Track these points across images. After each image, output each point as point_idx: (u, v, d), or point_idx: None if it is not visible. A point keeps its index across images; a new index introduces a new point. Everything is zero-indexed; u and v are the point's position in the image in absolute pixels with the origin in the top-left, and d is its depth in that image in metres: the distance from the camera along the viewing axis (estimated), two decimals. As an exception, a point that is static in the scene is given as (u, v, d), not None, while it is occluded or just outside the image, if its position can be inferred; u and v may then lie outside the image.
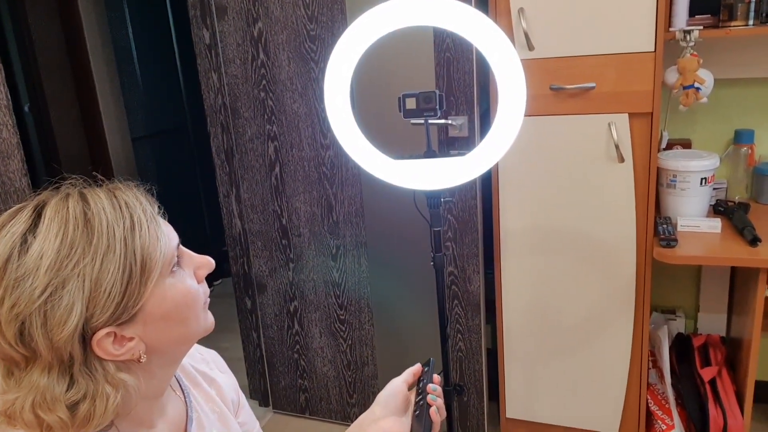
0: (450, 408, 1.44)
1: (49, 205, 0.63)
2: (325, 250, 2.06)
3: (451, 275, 1.91)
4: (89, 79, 2.91)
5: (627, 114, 1.60)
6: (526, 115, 1.18)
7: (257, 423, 0.98)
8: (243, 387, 1.30)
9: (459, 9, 1.09)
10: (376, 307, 2.05)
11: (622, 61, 1.56)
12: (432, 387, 0.88)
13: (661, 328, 1.94)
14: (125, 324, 0.64)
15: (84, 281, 0.60)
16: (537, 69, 1.63)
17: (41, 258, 0.60)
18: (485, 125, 1.78)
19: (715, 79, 1.67)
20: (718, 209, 1.79)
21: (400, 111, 1.23)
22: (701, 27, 1.62)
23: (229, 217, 2.18)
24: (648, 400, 1.87)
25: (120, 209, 0.65)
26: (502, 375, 1.96)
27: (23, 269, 0.60)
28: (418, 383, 0.91)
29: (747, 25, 1.62)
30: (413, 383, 0.91)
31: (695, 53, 1.62)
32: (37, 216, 0.63)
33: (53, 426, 0.62)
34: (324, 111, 1.88)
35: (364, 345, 2.11)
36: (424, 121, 1.24)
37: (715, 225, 1.66)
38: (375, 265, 2.01)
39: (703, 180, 1.69)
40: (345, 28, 1.15)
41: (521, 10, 1.60)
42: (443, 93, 1.72)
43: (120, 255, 0.62)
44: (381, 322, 2.06)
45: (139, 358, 0.66)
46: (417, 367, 0.92)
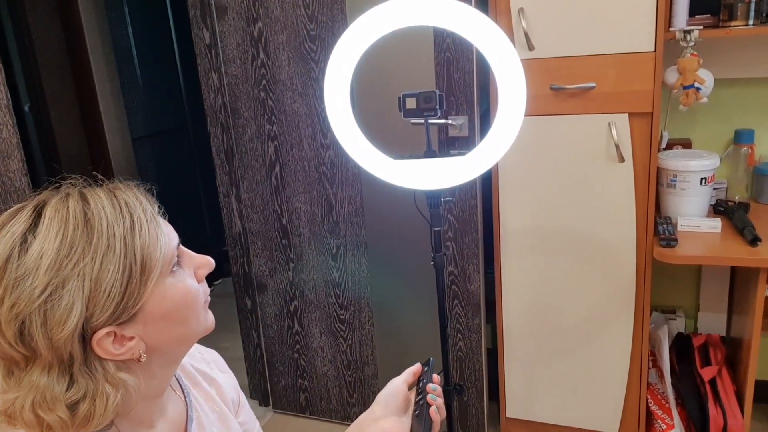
0: (450, 408, 1.44)
1: (49, 205, 0.63)
2: (325, 249, 2.06)
3: (452, 275, 1.91)
4: (89, 79, 2.91)
5: (627, 114, 1.60)
6: (526, 115, 1.18)
7: (257, 422, 0.98)
8: (243, 387, 1.30)
9: (459, 9, 1.09)
10: (376, 307, 2.05)
11: (622, 61, 1.56)
12: (432, 386, 0.88)
13: (661, 327, 1.94)
14: (125, 323, 0.64)
15: (84, 281, 0.60)
16: (537, 69, 1.63)
17: (41, 258, 0.60)
18: (485, 125, 1.78)
19: (715, 79, 1.67)
20: (718, 209, 1.79)
21: (400, 111, 1.23)
22: (701, 27, 1.62)
23: (229, 217, 2.18)
24: (648, 399, 1.87)
25: (120, 209, 0.65)
26: (502, 375, 1.96)
27: (23, 269, 0.60)
28: (418, 383, 0.91)
29: (747, 25, 1.62)
30: (413, 383, 0.91)
31: (695, 53, 1.62)
32: (37, 216, 0.63)
33: (53, 425, 0.62)
34: (324, 111, 1.88)
35: (364, 345, 2.11)
36: (424, 121, 1.24)
37: (715, 225, 1.66)
38: (375, 265, 2.01)
39: (703, 180, 1.69)
40: (345, 28, 1.15)
41: (521, 9, 1.60)
42: (443, 93, 1.73)
43: (120, 255, 0.62)
44: (381, 321, 2.06)
45: (140, 357, 0.66)
46: (417, 367, 0.92)
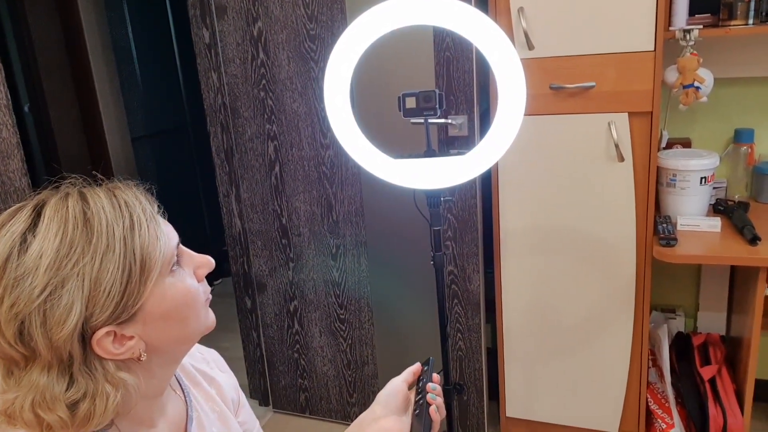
0: (450, 407, 1.44)
1: (49, 205, 0.63)
2: (325, 249, 2.06)
3: (451, 274, 1.91)
4: (89, 79, 2.91)
5: (627, 113, 1.60)
6: (525, 115, 1.18)
7: (257, 422, 0.98)
8: (243, 386, 1.30)
9: (459, 8, 1.09)
10: (376, 307, 2.05)
11: (622, 61, 1.56)
12: (432, 386, 0.88)
13: (661, 327, 1.94)
14: (125, 323, 0.64)
15: (83, 280, 0.60)
16: (537, 68, 1.63)
17: (41, 257, 0.60)
18: (485, 124, 1.78)
19: (715, 78, 1.67)
20: (717, 208, 1.79)
21: (399, 110, 1.23)
22: (701, 26, 1.62)
23: (229, 217, 2.18)
24: (648, 398, 1.87)
25: (119, 208, 0.65)
26: (502, 374, 1.96)
27: (23, 268, 0.60)
28: (417, 382, 0.91)
29: (747, 24, 1.62)
30: (413, 382, 0.91)
31: (695, 52, 1.62)
32: (37, 215, 0.63)
33: (53, 425, 0.62)
34: (324, 110, 1.88)
35: (364, 344, 2.11)
36: (423, 121, 1.24)
37: (715, 224, 1.66)
38: (375, 265, 2.01)
39: (703, 179, 1.69)
40: (345, 27, 1.15)
41: (521, 9, 1.60)
42: (443, 92, 1.72)
43: (119, 254, 0.62)
44: (381, 321, 2.06)
45: (140, 357, 0.66)
46: (417, 367, 0.92)
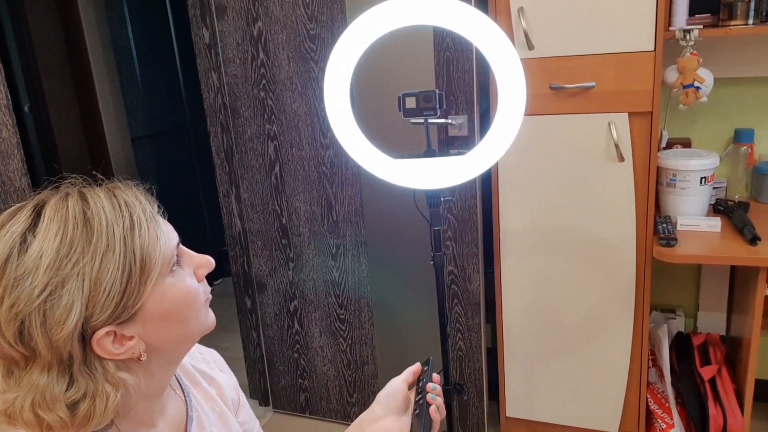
0: (450, 407, 1.44)
1: (49, 205, 0.63)
2: (325, 249, 2.06)
3: (451, 274, 1.91)
4: (89, 79, 2.91)
5: (627, 113, 1.60)
6: (525, 115, 1.18)
7: (257, 422, 0.98)
8: (243, 386, 1.30)
9: (459, 8, 1.09)
10: (376, 307, 2.05)
11: (621, 61, 1.56)
12: (432, 386, 0.88)
13: (661, 327, 1.94)
14: (125, 323, 0.64)
15: (83, 280, 0.60)
16: (537, 68, 1.63)
17: (41, 257, 0.60)
18: (485, 124, 1.78)
19: (715, 78, 1.67)
20: (717, 208, 1.79)
21: (399, 110, 1.23)
22: (701, 26, 1.62)
23: (229, 217, 2.18)
24: (648, 398, 1.87)
25: (119, 208, 0.65)
26: (502, 374, 1.96)
27: (23, 268, 0.60)
28: (417, 382, 0.91)
29: (747, 24, 1.62)
30: (413, 382, 0.91)
31: (695, 52, 1.62)
32: (37, 215, 0.63)
33: (53, 425, 0.62)
34: (324, 110, 1.88)
35: (364, 344, 2.11)
36: (423, 121, 1.24)
37: (715, 224, 1.66)
38: (375, 265, 2.01)
39: (703, 179, 1.69)
40: (345, 27, 1.15)
41: (521, 9, 1.60)
42: (443, 92, 1.72)
43: (119, 254, 0.62)
44: (381, 321, 2.06)
45: (140, 356, 0.66)
46: (417, 366, 0.92)
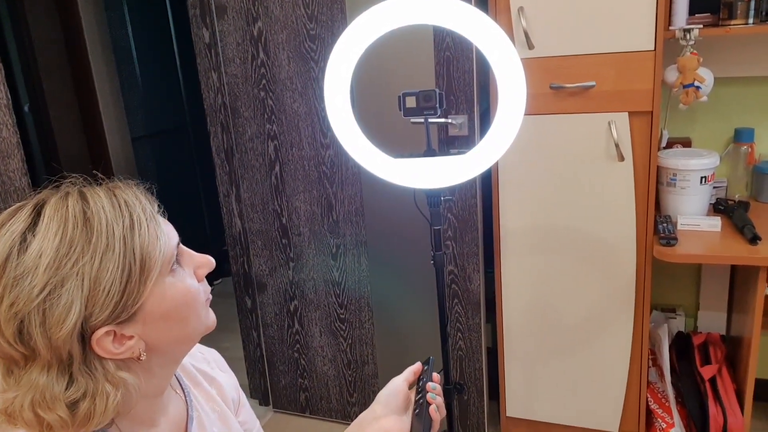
0: (450, 407, 1.44)
1: (49, 204, 0.63)
2: (325, 249, 2.06)
3: (451, 274, 1.91)
4: (89, 79, 2.91)
5: (627, 113, 1.60)
6: (525, 114, 1.18)
7: (257, 422, 0.98)
8: (243, 386, 1.30)
9: (459, 8, 1.09)
10: (376, 306, 2.05)
11: (622, 60, 1.56)
12: (431, 385, 0.88)
13: (661, 326, 1.94)
14: (125, 323, 0.64)
15: (83, 280, 0.60)
16: (537, 68, 1.63)
17: (40, 257, 0.60)
18: (485, 124, 1.78)
19: (715, 78, 1.67)
20: (718, 208, 1.79)
21: (400, 110, 1.23)
22: (701, 25, 1.62)
23: (229, 217, 2.18)
24: (648, 398, 1.87)
25: (119, 208, 0.65)
26: (502, 374, 1.96)
27: (22, 268, 0.60)
28: (418, 382, 0.91)
29: (747, 24, 1.62)
30: (414, 382, 0.91)
31: (695, 52, 1.62)
32: (37, 215, 0.63)
33: (53, 425, 0.62)
34: (324, 110, 1.88)
35: (364, 344, 2.11)
36: (424, 120, 1.24)
37: (715, 223, 1.66)
38: (375, 264, 2.01)
39: (703, 178, 1.69)
40: (345, 27, 1.15)
41: (521, 8, 1.60)
42: (443, 92, 1.72)
43: (119, 254, 0.62)
44: (381, 321, 2.06)
45: (139, 356, 0.66)
46: (417, 366, 0.92)
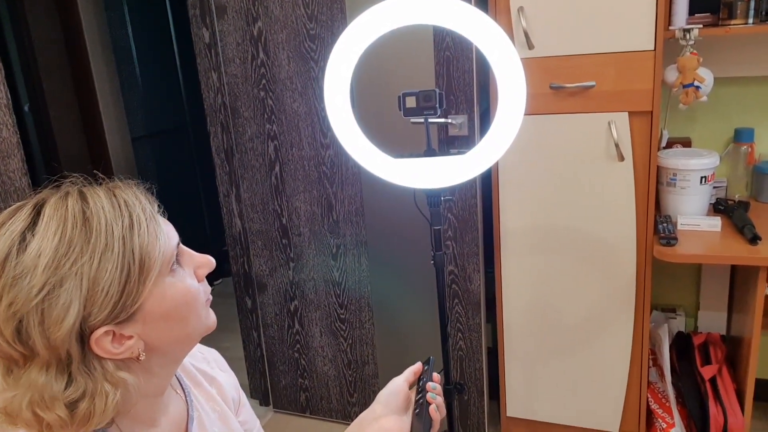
0: (450, 407, 1.44)
1: (49, 204, 0.63)
2: (326, 249, 2.06)
3: (452, 274, 1.91)
4: (89, 79, 2.91)
5: (627, 112, 1.60)
6: (525, 114, 1.17)
7: (258, 422, 0.98)
8: (243, 386, 1.30)
9: (459, 7, 1.09)
10: (376, 306, 2.05)
11: (621, 60, 1.56)
12: (432, 385, 0.88)
13: (662, 326, 1.94)
14: (124, 323, 0.64)
15: (81, 280, 0.60)
16: (537, 68, 1.63)
17: (39, 256, 0.60)
18: (485, 124, 1.78)
19: (715, 78, 1.67)
20: (718, 207, 1.79)
21: (400, 110, 1.23)
22: (701, 25, 1.62)
23: (229, 217, 2.18)
24: (648, 398, 1.87)
25: (119, 208, 0.64)
26: (502, 374, 1.96)
27: (21, 267, 0.60)
28: (418, 382, 0.91)
29: (747, 24, 1.62)
30: (414, 382, 0.91)
31: (695, 52, 1.62)
32: (37, 214, 0.63)
33: (52, 424, 0.62)
34: (324, 110, 1.88)
35: (364, 344, 2.11)
36: (424, 120, 1.24)
37: (715, 223, 1.66)
38: (375, 264, 2.01)
39: (703, 178, 1.69)
40: (345, 27, 1.15)
41: (521, 8, 1.60)
42: (443, 92, 1.72)
43: (118, 254, 0.62)
44: (381, 321, 2.06)
45: (138, 356, 0.66)
46: (418, 366, 0.92)
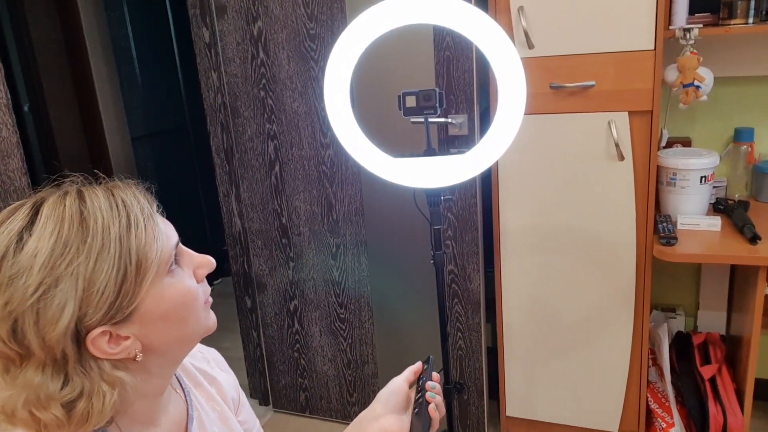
0: (450, 406, 1.44)
1: (47, 203, 0.63)
2: (325, 248, 2.06)
3: (451, 273, 1.91)
4: (89, 79, 2.91)
5: (627, 112, 1.60)
6: (525, 114, 1.17)
7: (257, 421, 0.98)
8: (243, 386, 1.30)
9: (459, 7, 1.09)
10: (376, 306, 2.05)
11: (622, 60, 1.56)
12: (431, 384, 0.88)
13: (661, 326, 1.94)
14: (120, 323, 0.64)
15: (77, 280, 0.60)
16: (537, 67, 1.63)
17: (35, 256, 0.60)
18: (485, 123, 1.78)
19: (715, 77, 1.67)
20: (717, 207, 1.79)
21: (400, 109, 1.23)
22: (701, 25, 1.62)
23: (229, 216, 2.17)
24: (648, 398, 1.87)
25: (116, 208, 0.64)
26: (502, 373, 1.96)
27: (17, 267, 0.59)
28: (418, 381, 0.91)
29: (747, 23, 1.62)
30: (414, 381, 0.91)
31: (695, 51, 1.62)
32: (35, 213, 0.62)
33: (48, 424, 0.62)
34: (324, 110, 1.88)
35: (364, 344, 2.11)
36: (424, 120, 1.24)
37: (715, 223, 1.66)
38: (375, 264, 2.01)
39: (703, 178, 1.69)
40: (345, 26, 1.15)
41: (521, 8, 1.60)
42: (443, 91, 1.72)
43: (114, 254, 0.62)
44: (381, 320, 2.06)
45: (135, 356, 0.66)
46: (418, 366, 0.92)
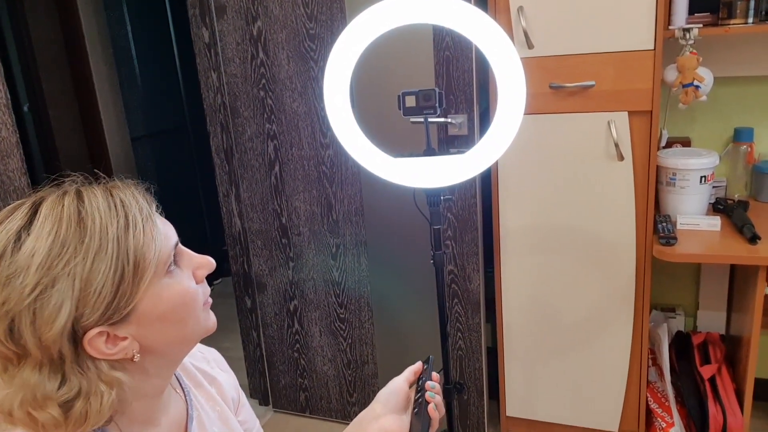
0: (450, 406, 1.44)
1: (46, 203, 0.63)
2: (325, 248, 2.06)
3: (451, 273, 1.91)
4: (89, 79, 2.91)
5: (626, 112, 1.60)
6: (525, 114, 1.17)
7: (257, 421, 0.98)
8: (243, 386, 1.30)
9: (458, 7, 1.09)
10: (376, 306, 2.05)
11: (621, 60, 1.56)
12: (430, 384, 0.88)
13: (661, 326, 1.94)
14: (117, 324, 0.64)
15: (74, 280, 0.60)
16: (536, 67, 1.63)
17: (32, 256, 0.60)
18: (485, 123, 1.78)
19: (715, 77, 1.67)
20: (717, 207, 1.79)
21: (399, 109, 1.23)
22: (700, 25, 1.62)
23: (229, 217, 2.17)
24: (648, 397, 1.87)
25: (115, 208, 0.64)
26: (502, 373, 1.96)
27: (15, 266, 0.59)
28: (418, 381, 0.91)
29: (746, 23, 1.62)
30: (414, 381, 0.91)
31: (694, 51, 1.62)
32: (34, 213, 0.62)
33: (46, 424, 0.62)
34: (323, 110, 1.88)
35: (364, 344, 2.11)
36: (423, 119, 1.24)
37: (715, 223, 1.66)
38: (375, 264, 2.01)
39: (703, 178, 1.69)
40: (344, 26, 1.15)
41: (521, 8, 1.60)
42: (443, 91, 1.72)
43: (112, 255, 0.61)
44: (381, 320, 2.06)
45: (133, 357, 0.66)
46: (418, 366, 0.92)
